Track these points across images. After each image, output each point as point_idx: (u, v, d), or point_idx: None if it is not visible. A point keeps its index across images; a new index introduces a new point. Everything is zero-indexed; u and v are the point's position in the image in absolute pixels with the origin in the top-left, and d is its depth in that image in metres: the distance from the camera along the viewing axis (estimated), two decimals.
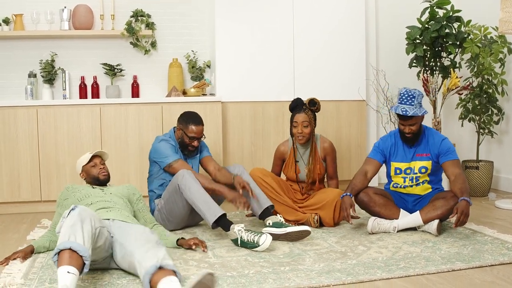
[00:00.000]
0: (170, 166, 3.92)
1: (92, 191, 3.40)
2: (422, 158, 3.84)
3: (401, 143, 3.91)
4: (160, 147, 3.97)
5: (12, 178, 4.73)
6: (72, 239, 2.47)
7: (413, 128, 3.77)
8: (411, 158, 3.87)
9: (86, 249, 2.46)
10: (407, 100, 3.71)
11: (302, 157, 4.24)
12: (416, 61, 5.32)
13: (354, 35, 5.61)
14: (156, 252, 2.61)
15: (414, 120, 3.74)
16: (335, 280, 2.77)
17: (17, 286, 2.73)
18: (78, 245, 2.45)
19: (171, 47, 5.66)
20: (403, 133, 3.82)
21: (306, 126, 4.08)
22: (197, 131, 4.03)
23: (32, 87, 5.10)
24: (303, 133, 4.08)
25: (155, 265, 2.49)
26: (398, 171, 3.91)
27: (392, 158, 3.93)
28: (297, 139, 4.13)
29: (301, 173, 4.22)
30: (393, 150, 3.93)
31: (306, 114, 4.09)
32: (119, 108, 4.92)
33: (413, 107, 3.69)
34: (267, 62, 5.38)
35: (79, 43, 5.46)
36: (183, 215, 3.84)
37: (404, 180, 3.91)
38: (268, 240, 3.27)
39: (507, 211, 4.47)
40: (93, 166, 3.58)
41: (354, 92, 5.60)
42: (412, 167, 3.87)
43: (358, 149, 5.63)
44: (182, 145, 4.07)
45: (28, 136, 4.74)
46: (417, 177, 3.87)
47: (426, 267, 2.96)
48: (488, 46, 4.97)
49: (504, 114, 5.21)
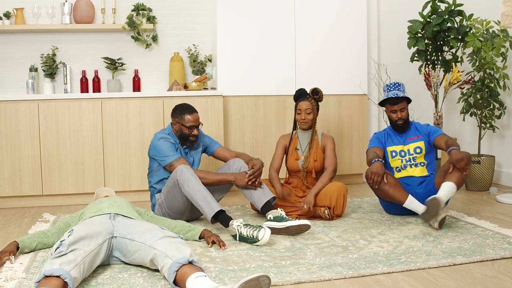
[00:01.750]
0: (171, 166, 3.90)
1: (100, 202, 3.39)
2: (414, 140, 4.16)
3: (393, 133, 4.25)
4: (159, 146, 3.95)
5: (13, 172, 4.74)
6: (64, 267, 2.45)
7: (404, 114, 4.13)
8: (403, 142, 4.18)
9: (71, 277, 2.43)
10: (395, 87, 4.14)
11: (301, 146, 4.32)
12: (418, 55, 5.31)
13: (356, 29, 5.60)
14: (184, 249, 2.67)
15: (404, 104, 4.12)
16: (336, 274, 2.77)
17: (19, 280, 2.74)
18: (65, 272, 2.43)
19: (172, 41, 5.66)
20: (394, 122, 4.17)
21: (309, 113, 4.23)
22: (194, 119, 4.03)
23: (33, 81, 5.09)
24: (306, 119, 4.23)
25: (187, 258, 2.57)
26: (394, 154, 4.17)
27: (387, 144, 4.22)
28: (300, 125, 4.27)
29: (300, 160, 4.27)
30: (386, 138, 4.25)
31: (309, 101, 4.24)
32: (120, 102, 4.92)
33: (401, 92, 4.12)
34: (268, 56, 5.38)
35: (80, 37, 5.46)
36: (183, 209, 3.84)
37: (402, 161, 4.13)
38: (267, 234, 3.26)
39: (508, 206, 4.46)
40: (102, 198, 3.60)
41: (355, 86, 5.60)
42: (406, 150, 4.14)
43: (360, 143, 5.63)
44: (182, 137, 4.06)
45: (30, 130, 4.75)
46: (414, 158, 4.13)
47: (427, 261, 2.96)
48: (490, 40, 4.96)
49: (505, 109, 5.20)
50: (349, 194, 5.07)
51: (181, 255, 2.59)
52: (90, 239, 2.72)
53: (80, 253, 2.59)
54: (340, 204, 4.00)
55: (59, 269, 2.41)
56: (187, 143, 4.09)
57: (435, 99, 5.16)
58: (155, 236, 2.80)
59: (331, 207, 4.00)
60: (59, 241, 2.65)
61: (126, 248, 2.88)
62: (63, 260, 2.49)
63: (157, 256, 2.68)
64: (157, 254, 2.68)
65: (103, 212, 3.09)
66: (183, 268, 2.54)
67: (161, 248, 2.68)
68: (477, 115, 5.23)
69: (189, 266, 2.55)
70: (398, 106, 4.11)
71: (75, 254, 2.57)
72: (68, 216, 3.46)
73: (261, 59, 5.36)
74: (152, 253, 2.72)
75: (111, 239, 2.90)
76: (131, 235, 2.88)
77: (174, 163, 3.90)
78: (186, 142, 4.08)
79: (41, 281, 2.36)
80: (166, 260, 2.61)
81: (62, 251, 2.54)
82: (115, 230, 2.94)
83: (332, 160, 4.27)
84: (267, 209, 3.80)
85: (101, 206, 3.22)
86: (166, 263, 2.61)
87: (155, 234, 2.82)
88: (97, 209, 3.21)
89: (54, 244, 2.68)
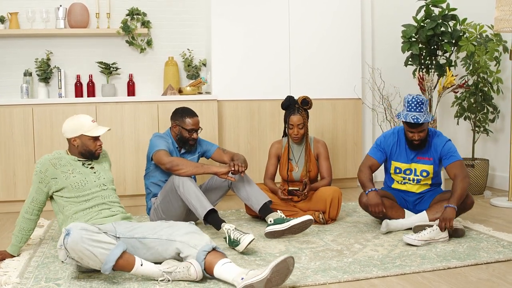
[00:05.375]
0: (156, 153, 3.84)
1: (84, 172, 3.22)
2: (424, 162, 3.81)
3: (404, 143, 3.85)
4: (154, 141, 3.95)
5: (7, 177, 4.72)
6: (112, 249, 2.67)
7: (422, 135, 3.69)
8: (411, 160, 3.84)
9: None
10: (416, 107, 3.62)
11: (295, 156, 4.29)
12: (412, 59, 5.33)
13: (350, 34, 5.61)
14: (202, 236, 2.81)
15: (424, 127, 3.66)
16: (331, 278, 2.77)
17: (13, 285, 2.73)
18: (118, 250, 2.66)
19: (166, 45, 5.65)
20: (411, 140, 3.74)
21: (301, 128, 4.19)
22: (194, 122, 4.04)
23: (27, 86, 5.08)
24: (299, 134, 4.19)
25: (211, 245, 2.71)
26: (398, 171, 3.90)
27: (393, 157, 3.90)
28: (293, 139, 4.22)
29: (294, 171, 4.25)
30: (394, 149, 3.89)
31: (300, 115, 4.18)
32: (115, 107, 4.91)
33: (423, 114, 3.62)
34: (262, 60, 5.38)
35: (74, 41, 5.45)
36: (178, 214, 3.84)
37: (404, 178, 3.91)
38: (247, 240, 3.20)
39: (502, 209, 4.48)
40: (93, 139, 3.27)
41: (350, 90, 5.61)
42: (412, 168, 3.85)
43: (354, 147, 5.64)
44: (182, 141, 4.06)
45: (24, 135, 4.73)
46: (418, 180, 3.86)
47: (421, 265, 2.97)
48: (484, 45, 4.98)
49: (499, 112, 5.22)
50: (343, 198, 5.07)
51: (204, 243, 2.74)
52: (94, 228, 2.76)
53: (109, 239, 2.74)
54: (334, 208, 4.01)
55: (117, 245, 2.66)
56: (186, 146, 4.09)
57: (429, 103, 5.17)
58: (168, 228, 2.89)
59: (325, 211, 4.01)
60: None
61: (135, 247, 2.91)
62: (106, 244, 2.66)
63: (179, 247, 2.79)
64: (179, 246, 2.79)
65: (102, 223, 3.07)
66: (208, 255, 2.67)
67: (181, 239, 2.80)
68: (471, 119, 5.25)
69: (213, 254, 2.70)
70: (417, 129, 3.66)
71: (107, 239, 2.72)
72: (34, 188, 3.22)
73: (256, 63, 5.37)
74: (173, 246, 2.82)
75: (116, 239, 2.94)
76: (140, 234, 2.93)
77: (159, 151, 3.84)
78: (185, 145, 4.08)
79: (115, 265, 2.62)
80: (189, 250, 2.75)
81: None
82: (117, 232, 2.98)
83: (328, 169, 4.28)
84: (265, 212, 3.79)
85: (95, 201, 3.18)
86: (190, 253, 2.74)
87: (168, 227, 2.92)
88: (88, 192, 3.19)
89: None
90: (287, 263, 2.57)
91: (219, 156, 4.25)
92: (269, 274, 2.50)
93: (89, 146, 3.25)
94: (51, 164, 3.18)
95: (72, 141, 3.25)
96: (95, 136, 3.26)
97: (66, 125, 3.26)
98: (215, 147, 4.27)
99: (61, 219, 3.17)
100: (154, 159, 3.88)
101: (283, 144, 4.37)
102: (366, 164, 3.94)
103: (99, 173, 3.29)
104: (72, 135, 3.23)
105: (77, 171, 3.21)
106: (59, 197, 3.17)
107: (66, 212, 3.13)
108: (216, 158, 4.26)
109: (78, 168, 3.22)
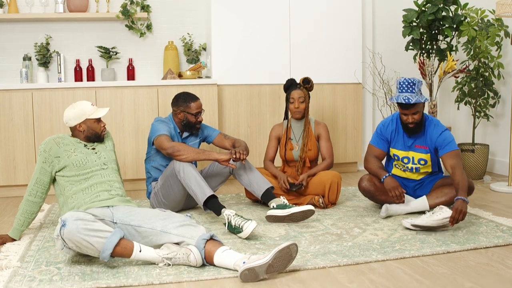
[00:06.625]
0: (157, 138, 3.85)
1: (86, 152, 3.26)
2: (421, 151, 3.78)
3: (401, 130, 3.82)
4: (156, 125, 3.95)
5: (7, 161, 4.73)
6: (108, 236, 2.68)
7: (416, 117, 3.64)
8: (409, 147, 3.81)
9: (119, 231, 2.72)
10: (407, 88, 3.60)
11: (295, 135, 4.32)
12: (413, 44, 5.31)
13: (351, 18, 5.58)
14: (198, 227, 2.85)
15: (417, 108, 3.61)
16: (331, 262, 2.78)
17: (14, 269, 2.74)
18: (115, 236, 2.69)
19: (166, 29, 5.63)
20: (405, 124, 3.71)
21: (302, 102, 4.23)
22: (198, 105, 4.06)
23: (27, 70, 5.07)
24: (300, 108, 4.23)
25: (209, 233, 2.73)
26: (396, 158, 3.89)
27: (392, 144, 3.89)
28: (294, 114, 4.26)
29: (294, 150, 4.28)
30: (393, 136, 3.86)
31: (301, 90, 4.24)
32: (115, 91, 4.90)
33: (415, 95, 3.58)
34: (263, 44, 5.36)
35: (74, 26, 5.42)
36: (178, 199, 3.85)
37: (403, 165, 3.89)
38: (251, 227, 3.19)
39: (502, 194, 4.49)
40: (97, 122, 3.36)
41: (350, 75, 5.59)
42: (410, 157, 3.82)
43: (354, 131, 5.64)
44: (189, 126, 4.05)
45: (24, 120, 4.73)
46: (417, 168, 3.85)
47: (421, 249, 2.98)
48: (485, 29, 4.96)
49: (500, 98, 5.21)
50: (343, 182, 5.08)
51: (200, 233, 2.77)
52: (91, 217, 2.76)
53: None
54: (334, 192, 4.01)
55: (114, 232, 2.68)
56: (193, 130, 4.10)
57: (429, 88, 5.16)
58: (163, 220, 2.89)
59: (325, 195, 4.02)
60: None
61: (131, 234, 2.92)
62: (103, 233, 2.68)
63: (176, 240, 2.80)
64: (175, 238, 2.80)
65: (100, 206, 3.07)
66: (206, 245, 2.69)
67: (177, 232, 2.81)
68: (471, 104, 5.25)
69: (212, 242, 2.72)
70: (410, 110, 3.62)
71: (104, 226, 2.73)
72: (38, 171, 3.25)
73: (256, 48, 5.35)
74: (166, 237, 2.82)
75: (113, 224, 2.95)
76: (136, 222, 2.93)
77: (160, 135, 3.85)
78: (192, 129, 4.09)
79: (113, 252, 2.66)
80: (187, 241, 2.76)
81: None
82: (115, 217, 2.98)
83: (329, 150, 4.28)
84: (268, 198, 3.80)
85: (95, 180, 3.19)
86: (187, 244, 2.75)
87: (163, 218, 2.91)
88: (89, 171, 3.20)
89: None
90: (290, 250, 2.58)
91: (220, 142, 4.24)
92: (272, 259, 2.51)
93: (95, 128, 3.34)
94: (55, 142, 3.23)
95: (78, 127, 3.32)
96: (99, 118, 3.34)
97: (69, 114, 3.31)
98: (216, 132, 4.27)
99: (61, 202, 3.19)
100: (155, 144, 3.87)
101: (283, 126, 4.40)
102: (371, 153, 3.93)
103: (100, 153, 3.33)
104: (77, 121, 3.30)
105: (79, 151, 3.25)
106: (61, 177, 3.19)
107: (66, 193, 3.15)
108: (217, 143, 4.26)
109: (80, 148, 3.27)
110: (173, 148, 3.72)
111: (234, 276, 2.60)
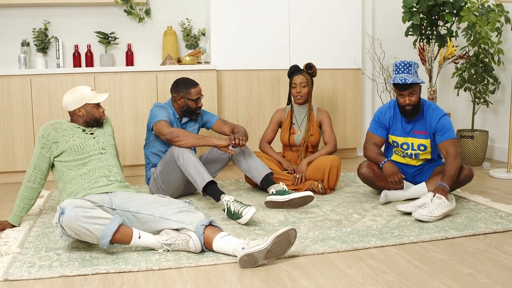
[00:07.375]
0: (156, 124, 3.84)
1: (84, 137, 3.26)
2: (421, 136, 3.77)
3: (400, 116, 3.82)
4: (155, 111, 3.95)
5: (6, 147, 4.72)
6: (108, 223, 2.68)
7: (413, 99, 3.64)
8: (408, 133, 3.80)
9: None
10: (404, 69, 3.62)
11: (297, 120, 4.33)
12: (413, 29, 5.28)
13: (351, 3, 5.55)
14: (196, 213, 2.85)
15: (413, 89, 3.62)
16: (330, 248, 2.79)
17: (14, 255, 2.74)
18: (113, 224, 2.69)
19: (165, 15, 5.59)
20: (402, 106, 3.69)
21: (304, 86, 4.26)
22: (198, 91, 4.05)
23: (25, 56, 5.04)
24: (301, 93, 4.26)
25: (207, 219, 2.74)
26: (395, 144, 3.89)
27: (390, 131, 3.88)
28: (296, 99, 4.28)
29: (296, 135, 4.28)
30: (391, 123, 3.86)
31: (303, 75, 4.26)
32: (114, 77, 4.88)
33: (411, 75, 3.59)
34: (262, 30, 5.34)
35: (72, 11, 5.39)
36: (177, 185, 3.85)
37: (402, 152, 3.89)
38: (250, 212, 3.20)
39: (501, 180, 4.49)
40: (96, 107, 3.38)
41: (350, 61, 5.57)
42: (409, 143, 3.82)
43: (354, 117, 5.63)
44: (189, 111, 4.05)
45: (22, 105, 4.72)
46: (417, 154, 3.84)
47: (420, 235, 2.98)
48: (485, 15, 4.93)
49: (500, 84, 5.20)
50: (343, 168, 5.08)
51: (199, 219, 2.78)
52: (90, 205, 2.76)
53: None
54: (333, 177, 4.02)
55: (113, 219, 2.69)
56: (194, 116, 4.09)
57: (429, 73, 5.15)
58: (162, 206, 2.89)
59: (324, 180, 4.02)
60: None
61: (130, 220, 2.92)
62: (102, 220, 2.68)
63: (175, 226, 2.80)
64: (174, 225, 2.80)
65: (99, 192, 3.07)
66: (205, 231, 2.70)
67: (175, 218, 2.81)
68: (471, 90, 5.23)
69: (211, 228, 2.73)
70: (407, 91, 3.62)
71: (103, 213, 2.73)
72: (36, 158, 3.24)
73: (255, 33, 5.32)
74: (165, 223, 2.83)
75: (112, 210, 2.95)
76: (134, 208, 2.92)
77: (160, 121, 3.84)
78: (192, 115, 4.08)
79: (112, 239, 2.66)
80: (186, 227, 2.77)
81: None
82: (113, 203, 2.98)
83: (331, 135, 4.30)
84: (267, 183, 3.81)
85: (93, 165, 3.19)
86: (186, 230, 2.76)
87: (162, 205, 2.91)
88: (87, 156, 3.20)
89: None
90: (289, 235, 2.59)
91: (219, 127, 4.24)
92: (270, 244, 2.52)
93: (94, 113, 3.36)
94: (53, 128, 3.23)
95: (77, 112, 3.33)
96: (98, 103, 3.36)
97: (68, 98, 3.32)
98: (215, 118, 4.26)
99: (60, 187, 3.19)
100: (154, 129, 3.87)
101: (286, 111, 4.42)
102: (369, 141, 3.93)
103: (99, 138, 3.33)
104: (76, 106, 3.31)
105: (77, 136, 3.25)
106: (59, 162, 3.20)
107: (65, 178, 3.15)
108: (216, 129, 4.25)
109: (78, 133, 3.27)
110: (172, 133, 3.72)
111: (233, 262, 2.61)
